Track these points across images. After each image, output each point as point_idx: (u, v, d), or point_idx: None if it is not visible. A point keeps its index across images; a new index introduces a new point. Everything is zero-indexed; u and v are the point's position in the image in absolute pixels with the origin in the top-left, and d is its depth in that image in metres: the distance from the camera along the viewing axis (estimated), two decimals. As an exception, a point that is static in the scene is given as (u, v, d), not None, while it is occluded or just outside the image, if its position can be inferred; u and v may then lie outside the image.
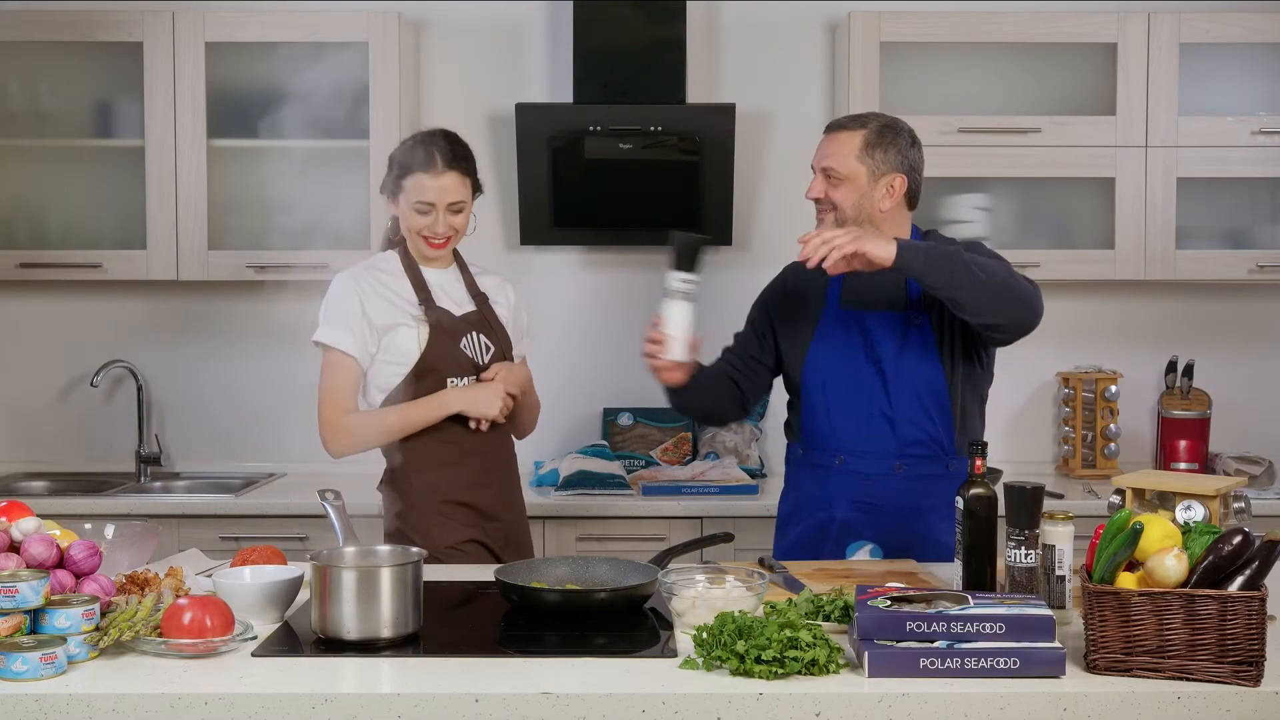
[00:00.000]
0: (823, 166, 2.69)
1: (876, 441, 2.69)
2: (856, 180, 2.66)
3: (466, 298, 2.84)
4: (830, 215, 2.68)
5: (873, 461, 2.70)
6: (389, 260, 2.83)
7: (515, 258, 4.11)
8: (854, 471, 2.71)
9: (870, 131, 2.67)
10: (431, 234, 2.75)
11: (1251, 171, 3.83)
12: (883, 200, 2.67)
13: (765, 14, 4.10)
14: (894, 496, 2.69)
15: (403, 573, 2.03)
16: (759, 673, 1.83)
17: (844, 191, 2.66)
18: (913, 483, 2.69)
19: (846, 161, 2.66)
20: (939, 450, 2.69)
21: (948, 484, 2.63)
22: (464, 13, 4.10)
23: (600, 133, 3.85)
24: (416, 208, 2.74)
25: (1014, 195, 3.97)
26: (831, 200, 2.67)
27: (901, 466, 2.69)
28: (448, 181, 2.74)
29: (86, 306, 4.12)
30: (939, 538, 2.67)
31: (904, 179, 2.68)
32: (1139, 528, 1.89)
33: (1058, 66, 3.95)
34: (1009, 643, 1.85)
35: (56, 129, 3.96)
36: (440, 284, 2.82)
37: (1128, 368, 4.09)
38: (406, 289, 2.78)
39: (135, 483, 3.96)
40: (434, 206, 2.73)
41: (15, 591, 1.89)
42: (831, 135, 2.70)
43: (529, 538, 2.96)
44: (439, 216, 2.74)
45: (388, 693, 1.81)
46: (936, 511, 2.67)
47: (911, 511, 2.69)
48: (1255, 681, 1.81)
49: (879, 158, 2.66)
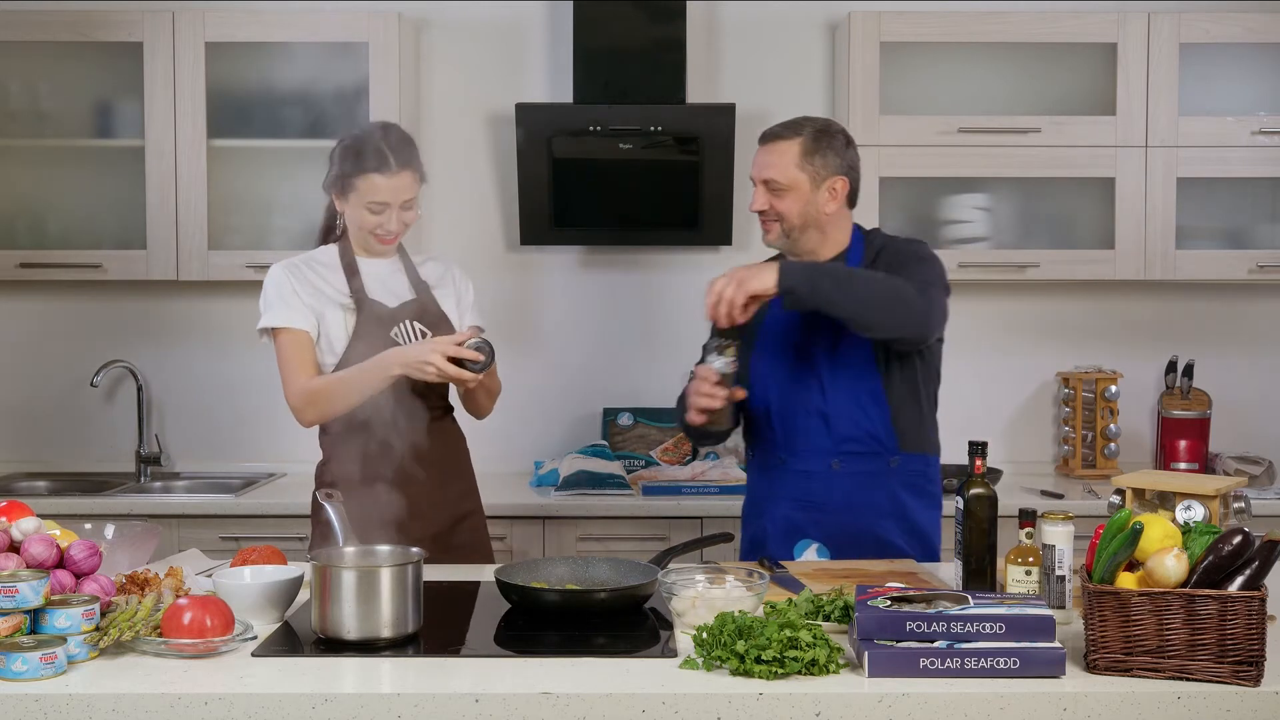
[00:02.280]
0: (763, 178, 2.69)
1: (814, 439, 2.70)
2: (799, 188, 2.67)
3: (407, 288, 2.82)
4: (776, 226, 2.71)
5: (812, 460, 2.71)
6: (327, 254, 2.81)
7: (515, 258, 4.11)
8: (795, 470, 2.73)
9: (807, 138, 2.68)
10: (384, 232, 2.74)
11: (1251, 171, 3.83)
12: (826, 204, 2.69)
13: (765, 14, 4.11)
14: (834, 494, 2.70)
15: (403, 573, 2.03)
16: (759, 673, 1.83)
17: (788, 201, 2.68)
18: (852, 480, 2.69)
19: (787, 171, 2.67)
20: (878, 446, 2.69)
21: (891, 480, 2.68)
22: (464, 13, 4.10)
23: (600, 133, 3.85)
24: (370, 208, 2.71)
25: (1014, 195, 3.97)
26: (776, 211, 2.69)
27: (839, 464, 2.70)
28: (401, 181, 2.71)
29: (86, 306, 4.12)
30: (884, 535, 2.69)
31: (845, 180, 2.71)
32: (1139, 528, 1.89)
33: (1058, 66, 3.95)
34: (1009, 643, 1.85)
35: (56, 129, 3.96)
36: (380, 275, 2.80)
37: (1128, 368, 4.09)
38: (340, 281, 2.76)
39: (135, 483, 3.96)
40: (388, 205, 2.71)
41: (15, 591, 1.89)
42: (768, 146, 2.70)
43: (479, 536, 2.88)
44: (392, 214, 2.72)
45: (388, 693, 1.81)
46: (879, 509, 2.69)
47: (853, 509, 2.69)
48: (1255, 681, 1.81)
49: (819, 163, 2.68)
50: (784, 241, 2.72)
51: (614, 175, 3.92)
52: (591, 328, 4.12)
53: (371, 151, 2.70)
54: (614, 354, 4.11)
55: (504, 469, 4.01)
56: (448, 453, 2.85)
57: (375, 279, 2.79)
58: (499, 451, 3.96)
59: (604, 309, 4.10)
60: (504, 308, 4.06)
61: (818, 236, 2.70)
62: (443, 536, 2.77)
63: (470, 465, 2.92)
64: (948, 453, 2.83)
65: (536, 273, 4.13)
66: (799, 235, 2.70)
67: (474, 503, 2.91)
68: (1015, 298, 4.12)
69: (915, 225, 3.98)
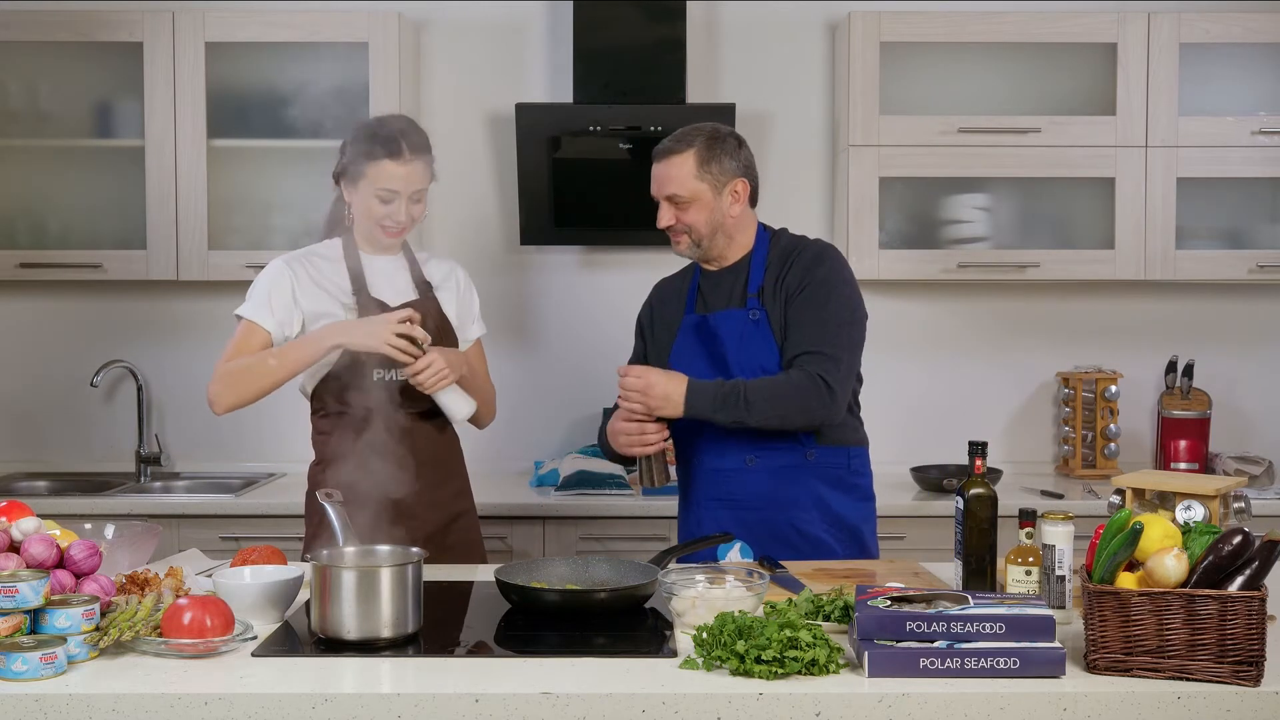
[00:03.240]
0: (666, 195, 2.72)
1: (727, 437, 2.71)
2: (702, 198, 2.70)
3: (409, 286, 2.80)
4: (685, 237, 2.74)
5: (727, 457, 2.72)
6: (331, 248, 2.79)
7: (515, 258, 4.11)
8: (711, 469, 2.74)
9: (700, 147, 2.70)
10: (392, 223, 2.72)
11: (1251, 171, 3.83)
12: (731, 208, 2.73)
13: (765, 14, 4.11)
14: (751, 490, 2.71)
15: (403, 573, 2.03)
16: (759, 673, 1.83)
17: (693, 213, 2.71)
18: (768, 475, 2.70)
19: (687, 183, 2.70)
20: (792, 441, 2.70)
21: (808, 474, 2.69)
22: (464, 13, 4.10)
23: (600, 133, 3.85)
24: (380, 195, 2.69)
25: (1014, 195, 3.97)
26: (684, 224, 2.72)
27: (754, 460, 2.71)
28: (413, 169, 2.69)
29: (86, 306, 4.12)
30: (806, 529, 2.70)
31: (745, 181, 2.74)
32: (1139, 528, 1.89)
33: (1058, 66, 3.95)
34: (1009, 643, 1.85)
35: (56, 129, 3.96)
36: (384, 272, 2.78)
37: (1128, 368, 4.09)
38: (343, 277, 2.74)
39: (135, 483, 3.96)
40: (398, 194, 2.69)
41: (15, 591, 1.89)
42: (664, 161, 2.73)
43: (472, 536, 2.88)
44: (401, 205, 2.70)
45: (387, 693, 1.81)
46: (798, 504, 2.70)
47: (772, 504, 2.70)
48: (1255, 681, 1.81)
49: (716, 170, 2.71)
50: (695, 250, 2.76)
51: (614, 175, 3.92)
52: (591, 328, 4.12)
53: (385, 138, 2.68)
54: (614, 354, 4.09)
55: (504, 469, 4.02)
56: (442, 453, 2.84)
57: (378, 275, 2.77)
58: (499, 451, 3.97)
59: (604, 309, 4.10)
60: (504, 308, 4.06)
61: (725, 241, 2.75)
62: (436, 536, 2.77)
63: (464, 465, 2.92)
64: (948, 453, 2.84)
65: (536, 273, 4.13)
66: (708, 243, 2.74)
67: (467, 502, 2.91)
68: (1015, 298, 4.12)
69: (915, 225, 3.99)
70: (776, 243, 2.78)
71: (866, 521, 2.78)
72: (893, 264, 3.83)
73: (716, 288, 2.79)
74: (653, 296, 2.95)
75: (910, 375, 4.13)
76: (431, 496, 2.78)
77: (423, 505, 2.74)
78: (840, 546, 2.72)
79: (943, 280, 3.91)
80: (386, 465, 2.62)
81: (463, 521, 2.88)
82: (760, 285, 2.73)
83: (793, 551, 2.67)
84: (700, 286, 2.82)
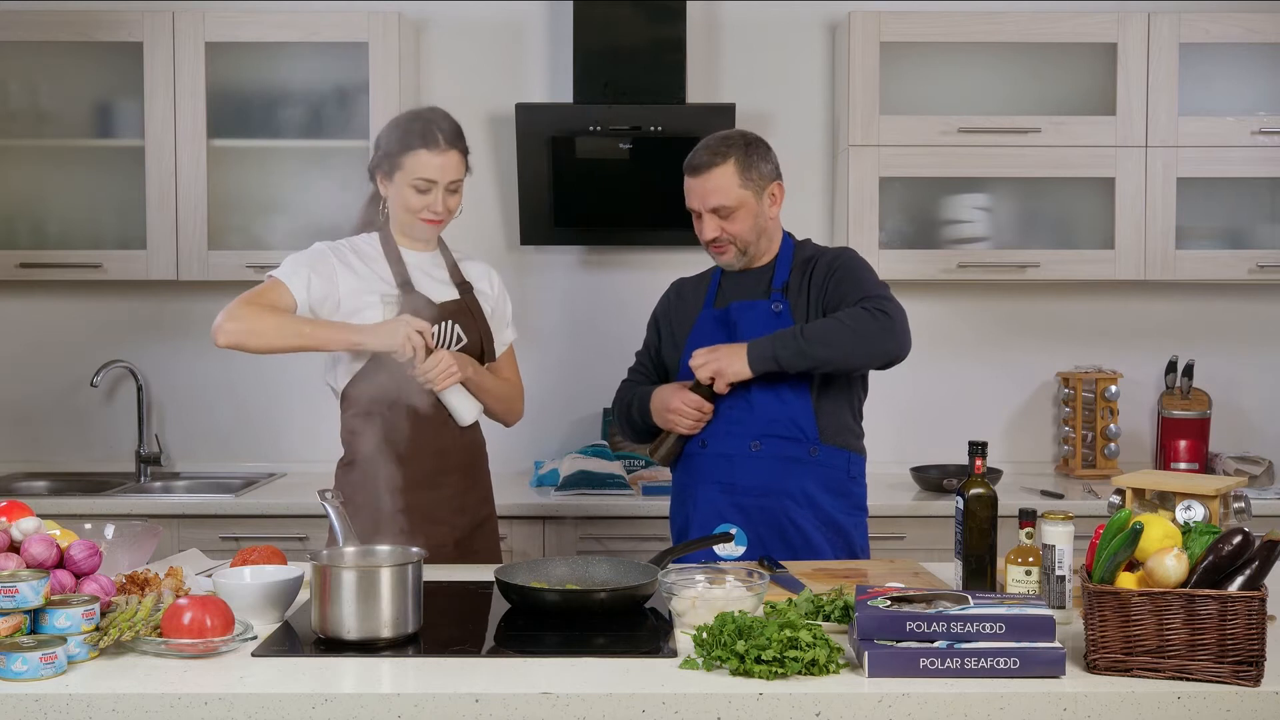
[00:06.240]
0: (711, 207, 2.73)
1: (736, 421, 2.73)
2: (747, 205, 2.73)
3: (449, 284, 2.80)
4: (732, 248, 2.77)
5: (733, 442, 2.74)
6: (369, 241, 2.77)
7: (515, 258, 4.11)
8: (716, 454, 2.76)
9: (739, 156, 2.73)
10: (431, 213, 2.70)
11: (1251, 171, 3.83)
12: (770, 210, 2.77)
13: (765, 14, 4.11)
14: (752, 476, 2.72)
15: (403, 573, 2.03)
16: (759, 673, 1.83)
17: (739, 221, 2.73)
18: (771, 463, 2.72)
19: (732, 193, 2.72)
20: (798, 433, 2.71)
21: (809, 470, 2.71)
22: (464, 13, 4.10)
23: (600, 133, 3.85)
24: (416, 185, 2.68)
25: (1014, 195, 3.97)
26: (729, 234, 2.74)
27: (759, 445, 2.72)
28: (449, 160, 2.69)
29: (86, 306, 4.12)
30: (802, 525, 2.70)
31: (780, 184, 2.78)
32: (1139, 528, 1.89)
33: (1058, 66, 3.95)
34: (1009, 643, 1.85)
35: (56, 129, 3.96)
36: (422, 267, 2.77)
37: (1128, 368, 4.09)
38: (385, 270, 2.72)
39: (135, 483, 3.96)
40: (435, 184, 2.68)
41: (15, 591, 1.89)
42: (705, 175, 2.73)
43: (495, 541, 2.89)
44: (439, 195, 2.70)
45: (387, 693, 1.81)
46: (794, 498, 2.71)
47: (770, 492, 2.71)
48: (1255, 681, 1.81)
49: (756, 176, 2.74)
50: (740, 259, 2.79)
51: (614, 175, 3.92)
52: (592, 327, 4.12)
53: (420, 128, 2.68)
54: (614, 354, 4.09)
55: (504, 469, 3.99)
56: (471, 459, 2.84)
57: (418, 270, 2.76)
58: (499, 451, 3.92)
59: (604, 309, 4.10)
60: (504, 308, 4.06)
61: (766, 244, 2.79)
62: (464, 541, 2.78)
63: (488, 470, 2.92)
64: (948, 452, 2.84)
65: (536, 273, 4.13)
66: (753, 249, 2.78)
67: (490, 507, 2.92)
68: (1015, 298, 4.12)
69: (915, 225, 3.98)
70: (801, 250, 2.82)
71: (858, 529, 2.79)
72: (893, 264, 3.82)
73: (739, 285, 2.81)
74: (671, 291, 2.97)
75: (910, 375, 4.09)
76: (460, 502, 2.79)
77: (452, 510, 2.76)
78: (835, 552, 2.73)
79: (943, 280, 3.91)
80: (420, 467, 2.64)
81: (488, 526, 2.89)
82: (785, 281, 2.76)
83: (784, 544, 2.68)
84: (722, 284, 2.85)
